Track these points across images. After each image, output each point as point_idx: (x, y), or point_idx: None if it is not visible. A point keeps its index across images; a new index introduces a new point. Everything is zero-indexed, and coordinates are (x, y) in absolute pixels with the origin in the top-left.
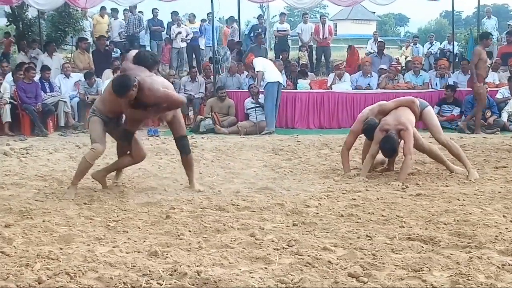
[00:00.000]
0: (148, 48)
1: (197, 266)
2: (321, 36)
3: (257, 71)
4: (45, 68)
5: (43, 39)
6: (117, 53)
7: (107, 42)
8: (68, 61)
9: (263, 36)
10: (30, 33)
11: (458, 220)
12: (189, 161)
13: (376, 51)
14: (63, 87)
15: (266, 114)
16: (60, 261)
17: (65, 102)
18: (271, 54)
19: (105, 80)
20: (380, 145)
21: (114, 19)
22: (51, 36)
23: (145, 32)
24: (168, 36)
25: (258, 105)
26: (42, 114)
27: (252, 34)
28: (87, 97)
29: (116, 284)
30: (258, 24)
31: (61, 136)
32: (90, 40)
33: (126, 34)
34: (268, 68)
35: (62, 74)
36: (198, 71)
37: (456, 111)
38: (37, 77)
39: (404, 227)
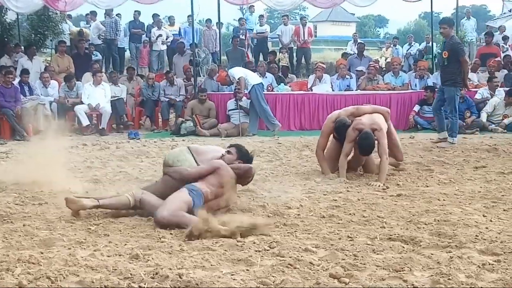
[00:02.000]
0: (127, 51)
1: (179, 268)
2: (301, 38)
3: (239, 78)
4: (24, 72)
5: (22, 42)
6: (97, 55)
7: (87, 45)
8: (47, 65)
9: (238, 39)
10: (9, 36)
11: (438, 220)
12: None
13: (356, 52)
14: (42, 93)
15: (260, 115)
16: (41, 265)
17: (44, 105)
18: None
19: (85, 84)
20: (358, 142)
21: (93, 21)
22: (30, 39)
23: (124, 35)
24: (147, 38)
25: (245, 106)
26: (21, 117)
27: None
28: (67, 101)
29: (97, 287)
30: (239, 27)
31: (40, 140)
32: (69, 42)
33: (104, 37)
34: (246, 73)
35: (41, 83)
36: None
37: None
38: (17, 81)
39: (385, 228)
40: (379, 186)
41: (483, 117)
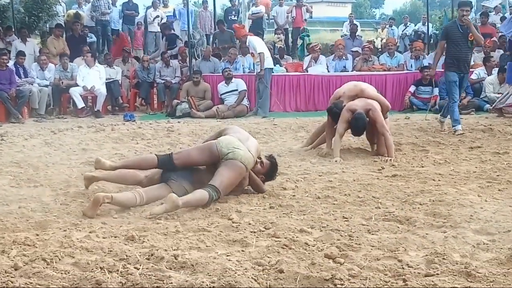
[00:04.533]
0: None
1: (174, 250)
2: (300, 17)
3: (259, 53)
4: (19, 54)
5: (16, 25)
6: (91, 37)
7: (81, 27)
8: (41, 48)
9: (224, 24)
10: (3, 19)
11: (433, 200)
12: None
13: (349, 34)
14: (39, 76)
15: (261, 99)
16: (36, 247)
17: (41, 88)
18: None
19: (80, 66)
20: (350, 122)
21: (84, 5)
22: (24, 22)
23: (119, 17)
24: (141, 20)
25: (234, 89)
26: (17, 99)
27: (228, 18)
28: (62, 82)
29: (93, 269)
30: (232, 7)
31: (36, 122)
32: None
33: (96, 19)
34: (266, 52)
35: (38, 65)
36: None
37: (435, 92)
38: (11, 63)
39: (380, 208)
40: (391, 160)
41: (491, 97)
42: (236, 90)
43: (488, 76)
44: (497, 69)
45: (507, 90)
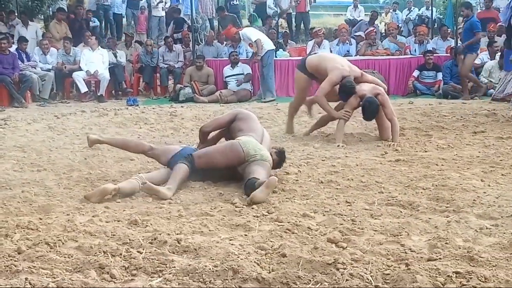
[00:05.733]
0: (124, 18)
1: (177, 234)
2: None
3: (255, 40)
4: (22, 40)
5: (20, 9)
6: (95, 22)
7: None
8: (44, 32)
9: (225, 11)
10: (6, 3)
11: (436, 185)
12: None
13: (368, 20)
14: (41, 61)
15: (266, 82)
16: (39, 231)
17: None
18: (246, 22)
19: (84, 50)
20: (363, 106)
21: None
22: (27, 6)
23: (122, 1)
24: (144, 5)
25: (240, 73)
26: (20, 84)
27: (227, 4)
28: (64, 67)
29: (96, 253)
30: None
31: (39, 107)
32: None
33: (98, 3)
34: (261, 36)
35: (40, 49)
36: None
37: (439, 76)
38: (14, 48)
39: (383, 193)
40: (396, 145)
41: (483, 81)
42: (241, 74)
43: (491, 60)
44: (499, 53)
45: (505, 78)
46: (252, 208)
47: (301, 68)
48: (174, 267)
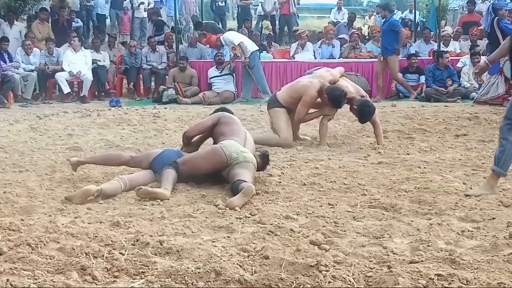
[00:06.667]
0: (107, 18)
1: (160, 235)
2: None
3: (239, 44)
4: (2, 40)
5: (3, 9)
6: (78, 22)
7: (67, 12)
8: (27, 32)
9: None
10: None
11: (418, 188)
12: None
13: (347, 22)
14: (24, 61)
15: (259, 82)
16: (21, 232)
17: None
18: (234, 23)
19: (66, 51)
20: (360, 110)
21: None
22: (10, 6)
23: (105, 2)
24: (127, 5)
25: (226, 74)
26: (2, 84)
27: (213, 6)
28: (47, 68)
29: (78, 254)
30: None
31: (22, 107)
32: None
33: (81, 4)
34: (243, 39)
35: (22, 50)
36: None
37: (422, 79)
38: None
39: (365, 195)
40: (383, 145)
41: (465, 85)
42: (226, 74)
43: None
44: (484, 57)
45: (488, 81)
46: (235, 210)
47: (276, 104)
48: (157, 268)
